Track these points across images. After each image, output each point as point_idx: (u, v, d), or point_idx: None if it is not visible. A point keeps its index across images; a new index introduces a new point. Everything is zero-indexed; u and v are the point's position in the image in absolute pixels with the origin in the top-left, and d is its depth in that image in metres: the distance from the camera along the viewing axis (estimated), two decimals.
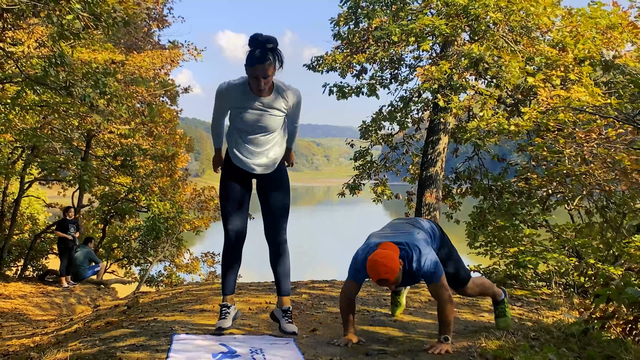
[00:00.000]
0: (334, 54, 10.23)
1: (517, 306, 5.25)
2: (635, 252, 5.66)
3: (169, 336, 3.60)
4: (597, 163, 6.32)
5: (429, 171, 9.91)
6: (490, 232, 7.55)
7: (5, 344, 5.38)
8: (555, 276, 6.41)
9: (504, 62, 8.03)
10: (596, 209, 6.96)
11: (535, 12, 8.38)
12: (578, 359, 3.33)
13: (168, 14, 17.49)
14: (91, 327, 4.62)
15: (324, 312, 4.54)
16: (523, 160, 9.33)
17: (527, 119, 7.06)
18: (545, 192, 7.71)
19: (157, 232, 13.98)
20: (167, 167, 15.31)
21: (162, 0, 17.07)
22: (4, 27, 7.80)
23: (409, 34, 8.81)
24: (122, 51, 12.99)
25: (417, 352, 3.48)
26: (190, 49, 15.70)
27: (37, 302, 9.31)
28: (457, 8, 8.53)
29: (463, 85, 8.82)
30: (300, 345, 3.50)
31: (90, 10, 6.60)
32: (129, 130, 13.60)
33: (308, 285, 6.24)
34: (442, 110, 9.08)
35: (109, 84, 8.38)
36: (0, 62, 8.81)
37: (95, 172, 12.97)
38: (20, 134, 11.07)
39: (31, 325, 7.21)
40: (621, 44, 7.79)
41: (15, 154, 13.43)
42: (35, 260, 13.72)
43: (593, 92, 6.71)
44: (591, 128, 6.29)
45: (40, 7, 6.22)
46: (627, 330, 3.70)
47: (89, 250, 11.39)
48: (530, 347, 3.52)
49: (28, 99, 9.50)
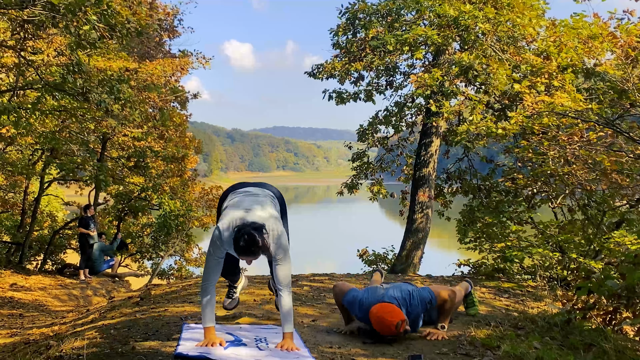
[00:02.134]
0: (333, 62, 10.21)
1: (504, 298, 5.25)
2: (614, 247, 5.66)
3: (179, 326, 3.60)
4: (579, 164, 6.32)
5: (421, 171, 9.90)
6: (479, 229, 7.56)
7: (26, 332, 5.38)
8: (539, 270, 6.42)
9: (492, 69, 8.02)
10: (578, 207, 6.96)
11: (521, 23, 8.37)
12: (561, 347, 3.33)
13: (178, 25, 17.44)
14: (106, 317, 4.62)
15: (324, 303, 4.54)
16: (510, 161, 9.33)
17: (513, 123, 7.05)
18: (530, 191, 7.71)
19: (168, 228, 13.97)
20: (177, 168, 15.30)
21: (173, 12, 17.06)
22: (25, 37, 7.80)
23: (403, 43, 8.81)
24: (135, 59, 12.99)
25: (410, 340, 3.48)
26: (199, 57, 15.69)
27: (56, 293, 9.32)
28: (448, 19, 8.53)
29: (454, 92, 8.82)
30: (302, 334, 3.50)
31: (105, 21, 6.60)
32: (142, 133, 13.60)
33: (309, 278, 6.25)
34: (434, 115, 9.07)
35: (123, 90, 8.37)
36: (22, 69, 8.81)
37: (110, 172, 12.97)
38: (40, 137, 11.07)
39: (50, 315, 7.22)
40: (601, 52, 7.78)
41: (35, 156, 13.45)
42: (54, 254, 13.72)
43: (575, 98, 6.71)
44: (573, 131, 6.29)
45: (58, 18, 6.22)
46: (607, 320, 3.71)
47: (105, 245, 11.39)
48: (516, 336, 3.52)
49: (47, 104, 9.49)
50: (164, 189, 14.21)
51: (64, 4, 5.88)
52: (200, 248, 16.05)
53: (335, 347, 3.29)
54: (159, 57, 15.27)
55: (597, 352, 2.54)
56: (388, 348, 3.32)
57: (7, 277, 9.70)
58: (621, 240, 5.59)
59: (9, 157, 12.65)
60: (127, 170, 13.95)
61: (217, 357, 2.90)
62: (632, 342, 3.54)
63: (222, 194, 3.62)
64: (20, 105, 8.45)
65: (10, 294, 8.58)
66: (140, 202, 14.23)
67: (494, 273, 6.79)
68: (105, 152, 13.54)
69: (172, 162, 14.71)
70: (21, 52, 7.95)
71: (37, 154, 13.36)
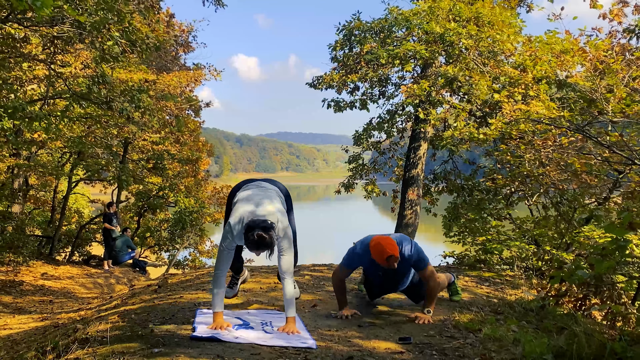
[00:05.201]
0: (332, 74, 10.20)
1: (485, 286, 5.25)
2: (584, 240, 5.66)
3: (193, 311, 3.60)
4: (552, 166, 6.32)
5: (411, 172, 9.89)
6: (463, 224, 7.55)
7: (56, 317, 5.39)
8: (517, 260, 6.41)
9: (474, 81, 8.02)
10: (551, 204, 6.96)
11: (501, 39, 8.37)
12: (536, 330, 3.33)
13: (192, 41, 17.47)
14: (128, 303, 4.62)
15: (323, 291, 4.54)
16: (490, 163, 9.32)
17: (493, 129, 7.05)
18: (508, 190, 7.70)
19: (183, 223, 13.98)
20: (192, 169, 15.31)
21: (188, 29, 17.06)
22: (55, 51, 7.79)
23: (394, 57, 8.80)
24: (154, 72, 12.99)
25: (400, 324, 3.49)
26: (211, 70, 15.71)
27: (83, 282, 9.31)
28: (435, 36, 8.52)
29: (440, 101, 8.82)
30: (303, 318, 3.51)
31: (127, 37, 6.59)
32: (160, 138, 13.61)
33: (310, 268, 6.24)
34: (422, 122, 9.06)
35: (143, 99, 8.36)
36: (52, 81, 8.81)
37: (131, 173, 12.95)
38: (69, 141, 11.07)
39: (77, 301, 7.22)
40: (572, 66, 7.78)
41: (64, 158, 13.45)
42: (81, 247, 13.71)
43: (549, 107, 6.70)
44: (547, 136, 6.28)
45: (85, 34, 6.22)
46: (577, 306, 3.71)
47: (127, 238, 11.39)
48: (496, 320, 3.52)
49: (75, 112, 9.49)
50: (180, 188, 14.22)
51: (89, 22, 5.88)
52: (212, 241, 16.05)
53: (333, 330, 3.29)
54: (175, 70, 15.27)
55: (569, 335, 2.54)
56: (380, 331, 3.32)
57: (38, 267, 9.70)
58: (590, 234, 5.59)
59: (40, 160, 12.66)
60: (147, 171, 13.94)
61: (227, 338, 2.91)
62: (600, 326, 3.54)
63: (232, 190, 3.60)
64: (50, 113, 8.44)
65: (42, 282, 8.58)
66: (158, 199, 14.22)
67: (476, 263, 6.78)
68: (126, 155, 13.54)
69: (187, 163, 14.72)
70: (51, 65, 7.94)
71: (66, 156, 13.36)
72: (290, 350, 2.81)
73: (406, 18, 8.91)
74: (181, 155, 14.31)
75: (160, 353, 2.55)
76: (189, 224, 14.11)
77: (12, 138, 8.59)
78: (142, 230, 15.28)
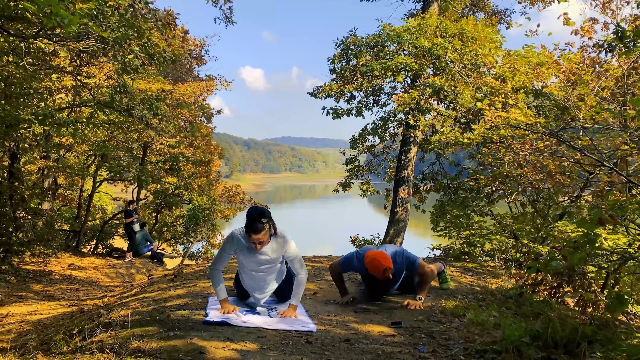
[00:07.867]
0: (330, 84, 10.19)
1: (468, 275, 5.24)
2: (558, 234, 5.65)
3: (205, 298, 3.60)
4: (529, 167, 6.32)
5: (402, 173, 9.88)
6: (449, 219, 7.55)
7: (82, 303, 5.38)
8: (497, 253, 6.41)
9: (459, 90, 8.02)
10: (529, 201, 6.96)
11: (483, 53, 8.36)
12: (515, 315, 3.33)
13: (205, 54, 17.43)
14: (147, 291, 4.62)
15: (323, 280, 4.54)
16: (473, 165, 9.31)
17: (476, 134, 7.05)
18: (490, 189, 7.71)
19: (196, 219, 13.98)
20: (204, 170, 15.31)
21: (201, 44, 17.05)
22: (81, 64, 7.80)
23: (387, 69, 8.79)
24: (170, 82, 12.97)
25: (393, 310, 3.49)
26: (221, 80, 15.66)
27: (106, 272, 9.31)
28: (424, 50, 8.52)
29: (428, 108, 8.81)
30: (305, 305, 3.51)
31: (146, 51, 6.59)
32: (175, 142, 13.61)
33: (310, 260, 6.24)
34: (412, 127, 9.06)
35: (160, 107, 8.36)
36: (78, 90, 8.81)
37: (149, 173, 12.97)
38: (93, 145, 11.07)
39: (101, 289, 7.21)
40: (547, 77, 7.78)
41: (89, 160, 13.46)
42: (105, 240, 13.72)
43: (526, 114, 6.70)
44: (525, 141, 6.29)
45: (108, 49, 6.21)
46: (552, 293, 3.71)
47: (146, 232, 11.38)
48: (479, 306, 3.52)
49: (99, 118, 9.49)
50: (194, 187, 14.24)
51: (112, 38, 5.87)
52: (222, 235, 16.06)
53: (332, 315, 3.29)
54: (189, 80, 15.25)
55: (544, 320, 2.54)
56: (374, 316, 3.32)
57: (66, 259, 9.70)
58: (563, 229, 5.59)
59: (67, 162, 12.65)
60: (164, 172, 13.96)
61: (236, 323, 2.92)
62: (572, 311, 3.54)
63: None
64: (77, 119, 8.43)
65: (69, 272, 8.58)
66: (174, 197, 14.23)
67: (460, 255, 6.78)
68: (145, 157, 13.54)
69: (200, 165, 14.72)
70: (78, 76, 7.94)
71: (91, 159, 13.38)
72: (293, 333, 2.81)
73: (397, 34, 8.90)
74: (195, 157, 14.32)
75: (176, 336, 2.55)
76: (202, 220, 14.11)
77: (43, 142, 8.59)
78: (160, 225, 15.28)
